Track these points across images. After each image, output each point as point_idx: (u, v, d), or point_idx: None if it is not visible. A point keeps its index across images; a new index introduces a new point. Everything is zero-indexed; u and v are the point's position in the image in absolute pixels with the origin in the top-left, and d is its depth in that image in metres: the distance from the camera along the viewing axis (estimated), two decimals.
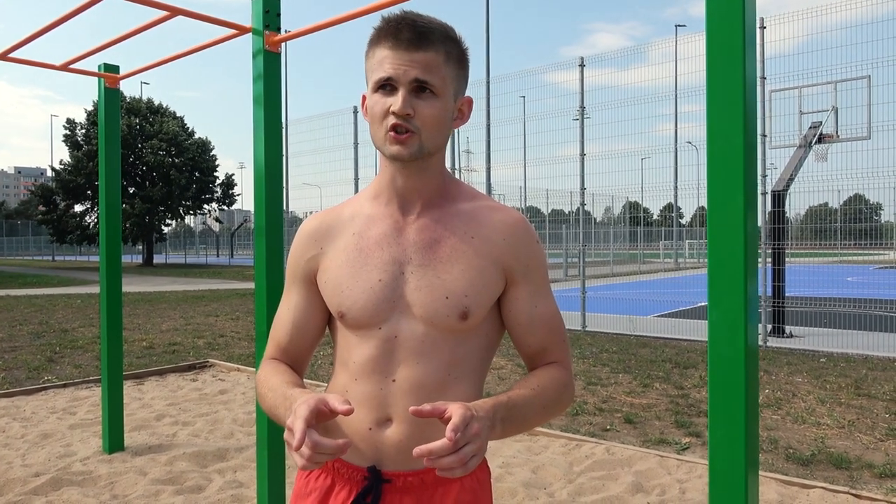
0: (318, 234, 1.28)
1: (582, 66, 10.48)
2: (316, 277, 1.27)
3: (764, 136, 9.23)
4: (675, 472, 3.91)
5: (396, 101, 1.12)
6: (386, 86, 1.14)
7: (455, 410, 0.97)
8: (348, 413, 0.99)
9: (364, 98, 1.23)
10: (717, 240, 1.73)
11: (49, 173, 40.02)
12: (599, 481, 3.76)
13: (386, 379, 1.19)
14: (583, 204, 10.78)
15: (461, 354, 1.21)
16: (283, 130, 17.54)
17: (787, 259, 9.51)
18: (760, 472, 3.78)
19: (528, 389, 1.17)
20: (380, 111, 1.15)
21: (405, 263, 1.20)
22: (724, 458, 1.73)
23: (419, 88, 1.14)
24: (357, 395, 1.20)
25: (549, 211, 19.98)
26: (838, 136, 9.73)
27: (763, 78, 9.03)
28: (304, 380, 1.30)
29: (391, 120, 1.14)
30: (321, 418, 1.01)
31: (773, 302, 9.24)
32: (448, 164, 1.30)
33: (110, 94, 4.32)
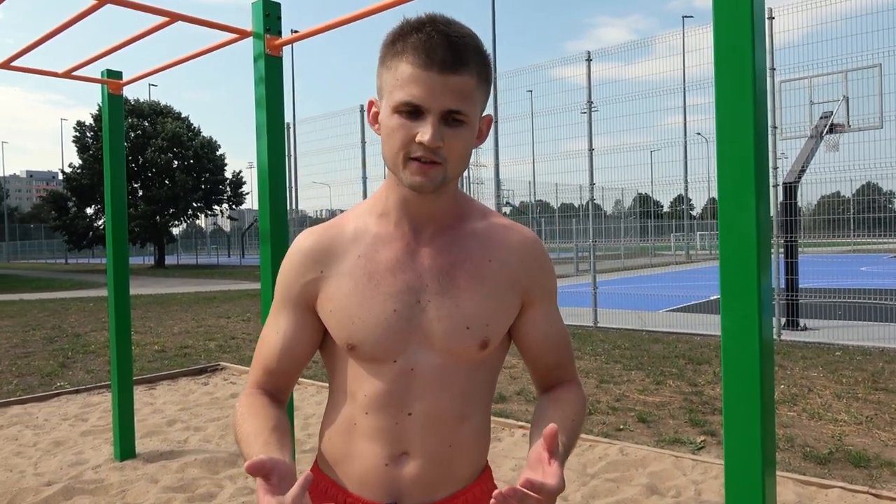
0: (318, 255, 1.15)
1: (589, 60, 10.39)
2: (316, 304, 1.16)
3: (774, 127, 9.12)
4: (690, 473, 3.86)
5: (426, 132, 1.00)
6: (412, 109, 1.02)
7: (553, 485, 0.88)
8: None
9: (371, 104, 1.12)
10: (729, 236, 1.69)
11: (60, 177, 40.30)
12: (613, 483, 3.71)
13: (401, 413, 1.12)
14: (592, 199, 10.70)
15: (476, 382, 1.16)
16: (292, 130, 17.54)
17: (799, 250, 9.41)
18: (777, 472, 3.73)
19: (567, 430, 1.10)
20: (403, 137, 1.02)
21: (421, 291, 1.11)
22: (739, 458, 1.69)
23: (449, 116, 1.02)
24: (368, 429, 1.13)
25: (559, 205, 19.88)
26: (850, 126, 9.61)
27: (773, 69, 8.91)
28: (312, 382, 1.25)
29: (417, 151, 1.02)
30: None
31: (787, 295, 9.14)
32: None
33: (114, 100, 4.31)
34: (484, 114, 1.13)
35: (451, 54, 1.00)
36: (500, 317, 1.14)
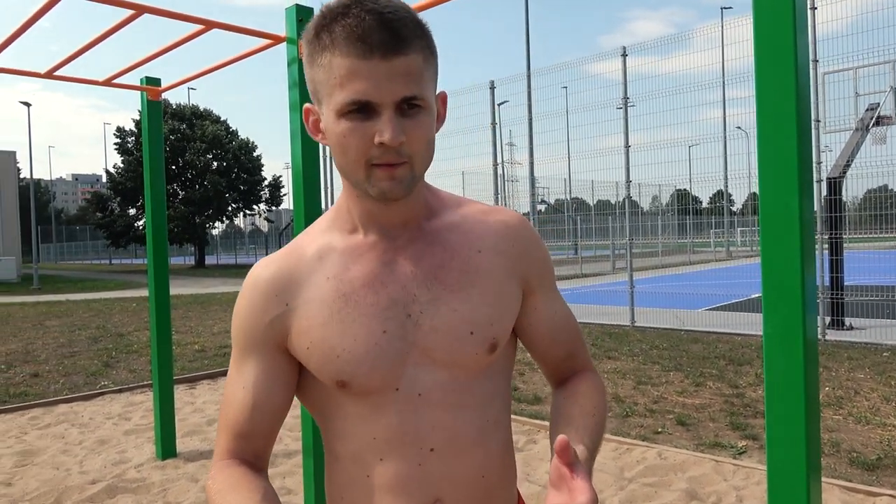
0: (280, 287, 0.99)
1: (624, 55, 10.25)
2: (287, 343, 0.99)
3: (817, 121, 8.86)
4: (731, 478, 3.77)
5: (385, 129, 0.86)
6: (360, 108, 0.87)
7: (584, 502, 0.76)
8: None
9: (308, 112, 0.97)
10: (771, 234, 1.64)
11: (104, 178, 41.38)
12: (651, 488, 3.65)
13: (422, 450, 0.96)
14: (628, 196, 10.55)
15: (490, 393, 1.02)
16: None
17: (845, 246, 9.13)
18: (822, 478, 3.61)
19: (590, 428, 0.99)
20: (359, 143, 0.88)
21: (409, 303, 0.97)
22: (783, 464, 1.64)
23: (404, 105, 0.88)
24: (387, 479, 0.97)
25: (595, 202, 19.67)
26: None
27: (815, 60, 8.66)
28: None
29: (380, 154, 0.88)
30: None
31: (832, 293, 8.87)
32: (489, 159, 1.14)
33: (153, 106, 4.39)
34: (437, 91, 0.98)
35: (389, 34, 0.86)
36: (504, 311, 1.01)
